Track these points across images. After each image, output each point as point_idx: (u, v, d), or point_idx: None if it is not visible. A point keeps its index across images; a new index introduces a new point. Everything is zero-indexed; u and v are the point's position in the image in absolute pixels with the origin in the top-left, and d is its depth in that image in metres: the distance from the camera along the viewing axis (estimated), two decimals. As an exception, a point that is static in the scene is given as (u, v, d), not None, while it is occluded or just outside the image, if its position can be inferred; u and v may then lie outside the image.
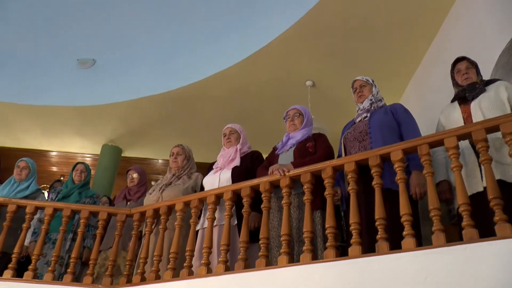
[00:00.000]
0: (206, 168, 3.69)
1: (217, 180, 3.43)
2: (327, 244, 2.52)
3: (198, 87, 6.24)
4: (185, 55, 6.69)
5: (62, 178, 6.69)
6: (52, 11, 7.29)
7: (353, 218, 2.51)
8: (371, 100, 3.15)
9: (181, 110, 6.74)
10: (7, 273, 3.44)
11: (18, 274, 3.48)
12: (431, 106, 4.52)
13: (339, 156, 3.10)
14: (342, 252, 2.59)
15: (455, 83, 3.10)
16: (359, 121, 3.13)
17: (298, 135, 3.30)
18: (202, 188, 3.54)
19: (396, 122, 2.96)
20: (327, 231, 2.56)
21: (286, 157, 3.18)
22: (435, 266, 2.09)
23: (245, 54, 5.70)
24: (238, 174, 3.33)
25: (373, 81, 3.27)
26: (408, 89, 5.82)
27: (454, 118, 2.89)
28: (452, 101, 3.06)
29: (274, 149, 3.40)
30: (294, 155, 3.15)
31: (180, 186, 3.65)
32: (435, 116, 3.17)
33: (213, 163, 3.68)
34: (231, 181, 3.31)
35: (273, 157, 3.29)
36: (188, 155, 3.89)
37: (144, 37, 7.13)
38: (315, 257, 2.61)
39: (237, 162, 3.47)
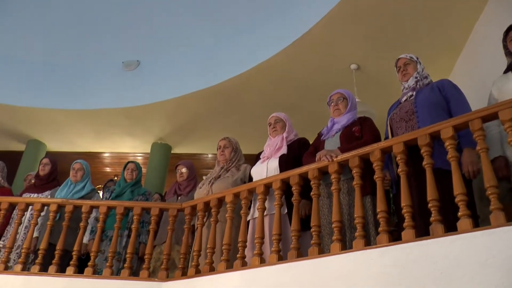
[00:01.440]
0: (254, 159, 3.73)
1: (265, 169, 3.46)
2: (380, 229, 2.49)
3: (242, 79, 6.30)
4: (227, 49, 6.77)
5: (115, 178, 6.95)
6: (93, 17, 7.56)
7: (405, 200, 2.46)
8: (416, 78, 3.05)
9: (226, 103, 6.83)
10: (69, 269, 3.64)
11: (80, 270, 3.67)
12: (482, 82, 4.34)
13: (386, 138, 3.02)
14: (395, 237, 2.54)
15: (507, 52, 2.97)
16: (404, 100, 3.04)
17: (343, 120, 3.26)
18: (250, 179, 3.58)
19: (444, 98, 2.85)
20: (378, 216, 2.53)
21: (332, 143, 3.16)
22: (495, 247, 2.02)
23: (287, 42, 5.69)
24: (285, 162, 3.34)
25: (417, 58, 3.17)
26: (457, 67, 5.61)
27: (509, 89, 2.75)
28: (505, 72, 2.93)
29: (320, 135, 3.38)
30: (341, 140, 3.13)
31: (229, 179, 3.70)
32: (486, 92, 3.04)
33: (260, 153, 3.71)
34: (279, 170, 3.33)
35: (319, 143, 3.27)
36: (235, 147, 3.93)
37: (185, 34, 7.27)
38: (368, 243, 2.58)
39: (284, 150, 3.48)
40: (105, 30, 7.61)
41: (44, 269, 3.67)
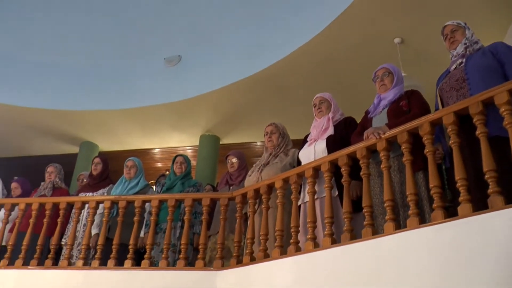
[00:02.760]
0: (301, 143, 3.74)
1: (313, 152, 3.46)
2: (434, 205, 2.45)
3: (284, 64, 6.30)
4: (267, 35, 6.78)
5: (167, 173, 7.15)
6: (132, 16, 7.78)
7: (459, 174, 2.39)
8: (465, 44, 2.93)
9: (271, 89, 6.84)
10: (127, 262, 3.81)
11: (137, 263, 3.84)
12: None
13: (437, 110, 2.92)
14: (451, 213, 2.48)
15: None
16: (454, 68, 2.92)
17: (389, 95, 3.20)
18: (298, 162, 3.58)
19: (498, 62, 2.72)
20: (432, 192, 2.49)
21: (379, 120, 3.12)
22: None
23: (327, 21, 5.63)
24: (333, 143, 3.33)
25: (465, 24, 3.03)
26: (510, 34, 5.35)
27: None
28: None
29: (367, 112, 3.34)
30: (388, 116, 3.07)
31: (278, 164, 3.73)
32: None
33: (307, 136, 3.71)
34: (326, 152, 3.32)
35: (366, 121, 3.24)
36: (282, 132, 3.95)
37: (224, 24, 7.34)
38: (423, 220, 2.54)
39: (330, 131, 3.46)
40: (145, 28, 7.83)
41: (103, 263, 3.86)
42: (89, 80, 8.07)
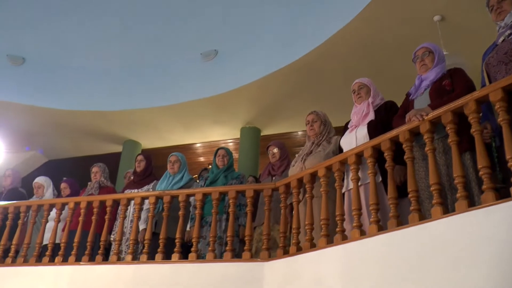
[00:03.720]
0: (343, 131, 3.72)
1: (354, 138, 3.44)
2: (484, 187, 2.39)
3: (321, 51, 6.25)
4: (302, 22, 6.74)
5: (209, 167, 7.26)
6: (167, 14, 7.92)
7: (510, 152, 2.31)
8: (514, 13, 2.76)
9: (309, 77, 6.82)
10: (174, 256, 3.92)
11: (184, 256, 3.95)
12: None
13: (483, 87, 2.79)
14: (502, 194, 2.39)
15: None
16: (502, 41, 2.76)
17: (431, 75, 3.12)
18: (340, 150, 3.57)
19: None
20: (481, 173, 2.42)
21: (421, 101, 3.05)
22: None
23: (364, 3, 5.51)
24: (374, 128, 3.30)
25: None
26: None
27: None
28: None
29: (408, 95, 3.28)
30: (430, 96, 3.00)
31: (321, 153, 3.73)
32: None
33: (347, 123, 3.69)
34: (368, 137, 3.29)
35: (408, 104, 3.17)
36: (323, 120, 3.94)
37: (259, 15, 7.34)
38: (472, 203, 2.48)
39: (371, 116, 3.43)
40: (180, 25, 7.95)
41: (151, 258, 3.99)
42: (129, 81, 8.30)
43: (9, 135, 8.47)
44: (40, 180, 5.75)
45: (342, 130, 3.71)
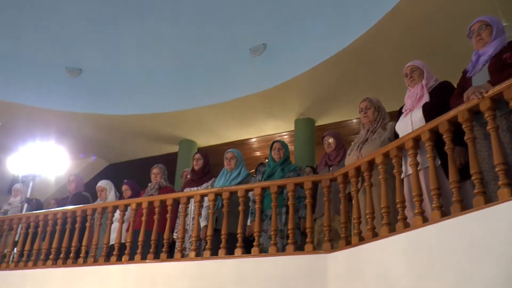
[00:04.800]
0: (397, 116, 3.68)
1: (409, 122, 3.40)
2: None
3: (371, 35, 6.15)
4: (351, 6, 6.66)
5: (266, 161, 7.34)
6: (215, 10, 8.04)
7: None
8: None
9: (360, 63, 6.74)
10: (237, 251, 4.03)
11: (247, 251, 4.05)
12: None
13: None
14: None
15: None
16: None
17: (489, 50, 3.01)
18: (396, 135, 3.54)
19: None
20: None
21: (480, 78, 2.95)
22: None
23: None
24: (430, 111, 3.24)
25: None
26: None
27: None
28: None
29: (464, 72, 3.17)
30: (490, 72, 2.89)
31: (377, 140, 3.71)
32: None
33: (402, 107, 3.64)
34: (424, 120, 3.24)
35: (465, 82, 3.08)
36: (377, 106, 3.91)
37: (305, 3, 7.31)
38: (543, 182, 2.38)
39: (426, 99, 3.37)
40: (227, 22, 8.06)
41: (214, 253, 4.12)
42: (181, 81, 8.54)
43: (71, 143, 8.91)
44: (102, 183, 6.05)
45: (396, 115, 3.67)
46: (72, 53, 8.73)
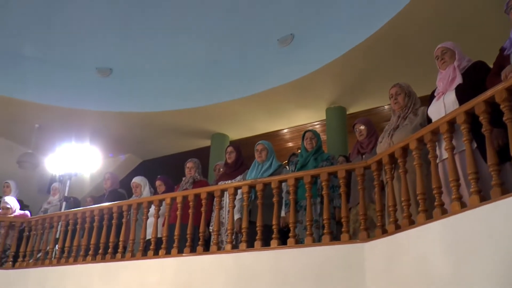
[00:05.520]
0: (429, 100, 3.60)
1: (442, 106, 3.33)
2: None
3: (401, 18, 6.00)
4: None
5: (298, 151, 7.32)
6: (241, 4, 8.04)
7: None
8: None
9: (391, 48, 6.61)
10: (273, 242, 4.05)
11: (283, 242, 4.06)
12: None
13: None
14: None
15: None
16: None
17: (528, 25, 2.92)
18: (428, 120, 3.48)
19: None
20: None
21: (520, 55, 2.85)
22: None
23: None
24: (463, 92, 3.17)
25: None
26: None
27: None
28: None
29: (502, 50, 3.08)
30: (530, 48, 2.79)
31: (408, 126, 3.66)
32: None
33: (433, 91, 3.57)
34: (457, 103, 3.17)
35: (503, 60, 2.98)
36: (407, 92, 3.85)
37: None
38: None
39: (459, 80, 3.29)
40: (254, 13, 8.04)
41: (250, 245, 4.15)
42: (211, 75, 8.59)
43: (105, 142, 9.09)
44: (137, 180, 6.17)
45: (428, 100, 3.59)
46: (101, 53, 8.88)
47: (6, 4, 8.14)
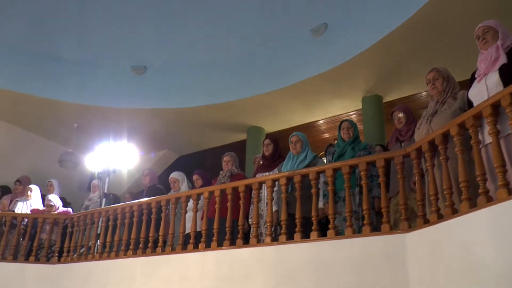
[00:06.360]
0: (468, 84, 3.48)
1: (484, 88, 3.21)
2: None
3: (437, 0, 5.84)
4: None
5: (335, 142, 7.25)
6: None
7: None
8: None
9: (427, 31, 6.40)
10: (313, 234, 4.03)
11: (322, 234, 4.03)
12: None
13: None
14: None
15: None
16: None
17: None
18: (469, 104, 3.37)
19: None
20: None
21: None
22: None
23: None
24: (508, 73, 3.05)
25: None
26: None
27: None
28: None
29: None
30: None
31: (447, 111, 3.56)
32: None
33: (474, 73, 3.44)
34: (501, 84, 3.05)
35: None
36: (445, 76, 3.75)
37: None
38: None
39: (503, 60, 3.16)
40: (286, 4, 7.98)
41: (290, 238, 4.14)
42: (245, 69, 8.59)
43: (142, 139, 9.24)
44: (175, 175, 6.25)
45: (468, 84, 3.47)
46: (135, 52, 9.00)
47: (42, 10, 8.33)
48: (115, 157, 7.22)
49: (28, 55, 8.59)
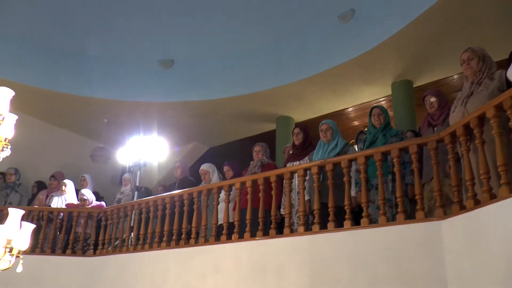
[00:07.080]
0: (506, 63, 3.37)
1: (525, 66, 3.11)
2: None
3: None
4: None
5: (365, 129, 7.17)
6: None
7: None
8: None
9: (458, 12, 6.19)
10: (346, 223, 3.99)
11: (355, 222, 3.99)
12: None
13: None
14: None
15: None
16: None
17: None
18: (508, 84, 3.26)
19: None
20: None
21: None
22: None
23: None
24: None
25: None
26: None
27: None
28: None
29: None
30: None
31: (484, 92, 3.45)
32: None
33: (512, 52, 3.35)
34: (544, 62, 2.95)
35: None
36: (481, 55, 3.63)
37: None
38: None
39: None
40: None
41: (323, 227, 4.11)
42: (273, 58, 8.53)
43: (172, 132, 9.32)
44: (205, 167, 6.28)
45: (506, 63, 3.36)
46: (162, 46, 9.05)
47: (69, 8, 8.43)
48: (146, 151, 7.30)
49: (57, 53, 8.74)
